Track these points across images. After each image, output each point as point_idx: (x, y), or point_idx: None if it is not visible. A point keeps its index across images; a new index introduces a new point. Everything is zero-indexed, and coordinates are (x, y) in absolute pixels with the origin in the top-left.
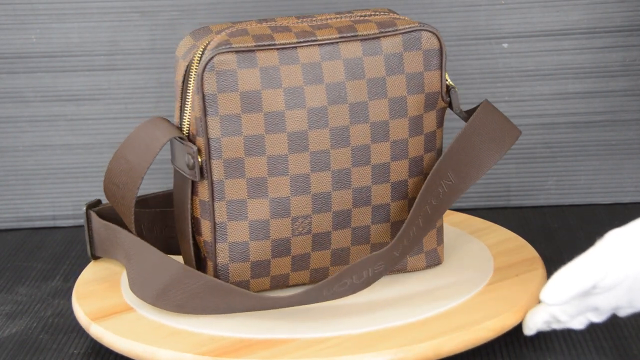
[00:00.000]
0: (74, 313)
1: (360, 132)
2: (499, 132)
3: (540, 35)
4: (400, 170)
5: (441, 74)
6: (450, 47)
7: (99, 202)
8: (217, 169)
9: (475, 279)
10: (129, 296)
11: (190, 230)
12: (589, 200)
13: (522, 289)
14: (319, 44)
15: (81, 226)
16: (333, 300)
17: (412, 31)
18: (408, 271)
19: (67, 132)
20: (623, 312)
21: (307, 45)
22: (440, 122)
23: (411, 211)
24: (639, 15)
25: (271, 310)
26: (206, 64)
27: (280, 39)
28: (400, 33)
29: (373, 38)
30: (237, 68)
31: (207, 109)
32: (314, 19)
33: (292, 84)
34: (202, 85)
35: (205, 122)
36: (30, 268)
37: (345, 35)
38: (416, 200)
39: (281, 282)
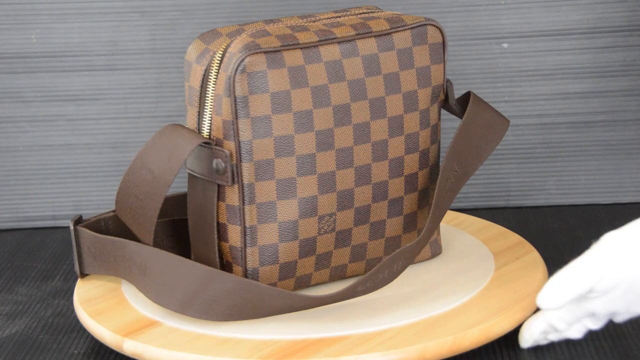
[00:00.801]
0: (89, 332)
1: (380, 127)
2: (492, 120)
3: (540, 35)
4: (412, 164)
5: (444, 67)
6: (450, 47)
7: (81, 218)
8: (248, 172)
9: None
10: (147, 310)
11: (215, 237)
12: (589, 200)
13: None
14: (338, 42)
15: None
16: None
17: (419, 26)
18: (415, 262)
19: (67, 132)
20: (620, 318)
21: (327, 44)
22: (439, 115)
23: (433, 203)
24: (639, 15)
25: (298, 312)
26: (237, 66)
27: (303, 38)
28: (409, 28)
29: (386, 34)
30: (267, 69)
31: (239, 111)
32: (318, 18)
33: (317, 83)
34: (233, 87)
35: (237, 125)
36: (30, 268)
37: (360, 32)
38: (435, 193)
39: (304, 283)
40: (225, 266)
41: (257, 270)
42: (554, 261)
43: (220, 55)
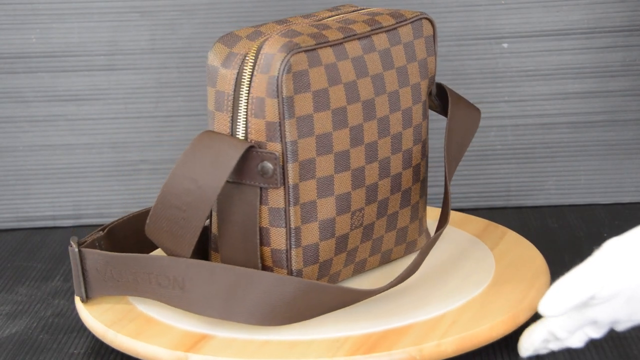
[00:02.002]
0: (132, 354)
1: (396, 120)
2: (470, 115)
3: (540, 35)
4: (417, 155)
5: (435, 59)
6: (450, 47)
7: (81, 240)
8: (293, 173)
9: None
10: (188, 325)
11: (258, 242)
12: (588, 200)
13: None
14: (358, 38)
15: (81, 226)
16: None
17: (417, 19)
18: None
19: (67, 132)
20: (621, 326)
21: (350, 40)
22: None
23: (446, 193)
24: (639, 15)
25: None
26: (284, 66)
27: (331, 36)
28: (409, 22)
29: (393, 28)
30: (308, 68)
31: (285, 112)
32: (322, 16)
33: (348, 79)
34: (281, 88)
35: (284, 125)
36: (30, 268)
37: (374, 28)
38: (445, 184)
39: (334, 280)
40: (266, 270)
41: (301, 272)
42: (554, 261)
43: (253, 58)
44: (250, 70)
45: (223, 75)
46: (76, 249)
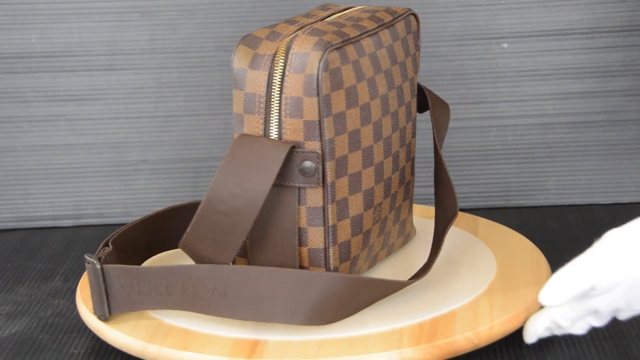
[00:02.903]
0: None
1: (402, 114)
2: (442, 103)
3: (540, 35)
4: (413, 148)
5: (419, 53)
6: (450, 47)
7: (102, 257)
8: (331, 171)
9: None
10: (232, 332)
11: (296, 242)
12: (588, 200)
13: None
14: (369, 35)
15: (81, 226)
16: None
17: (407, 15)
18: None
19: (67, 132)
20: (623, 315)
21: (364, 37)
22: None
23: (449, 184)
24: (639, 15)
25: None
26: (323, 64)
27: (349, 33)
28: (402, 18)
29: (392, 25)
30: (340, 65)
31: (324, 110)
32: (321, 15)
33: (369, 75)
34: (320, 87)
35: (323, 124)
36: (30, 268)
37: (379, 24)
38: (447, 175)
39: (356, 274)
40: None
41: (338, 269)
42: (554, 261)
43: (283, 58)
44: (281, 70)
45: (253, 77)
46: (98, 266)
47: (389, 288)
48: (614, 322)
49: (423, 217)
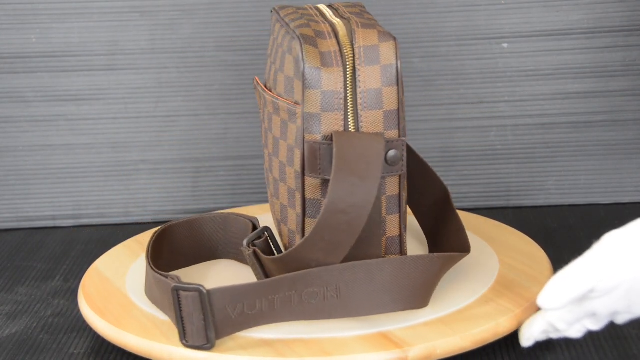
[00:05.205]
0: None
1: None
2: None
3: (540, 35)
4: None
5: None
6: (450, 47)
7: (203, 288)
8: (405, 158)
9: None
10: (340, 331)
11: (381, 232)
12: (588, 200)
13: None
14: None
15: (81, 226)
16: None
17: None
18: None
19: (67, 132)
20: (621, 319)
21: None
22: None
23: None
24: (639, 15)
25: None
26: (398, 53)
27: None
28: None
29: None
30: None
31: (401, 98)
32: (324, 11)
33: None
34: (400, 75)
35: (400, 112)
36: (30, 268)
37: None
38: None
39: None
40: None
41: (406, 254)
42: (554, 261)
43: (350, 53)
44: (352, 65)
45: (330, 74)
46: (205, 291)
47: (456, 261)
48: (614, 323)
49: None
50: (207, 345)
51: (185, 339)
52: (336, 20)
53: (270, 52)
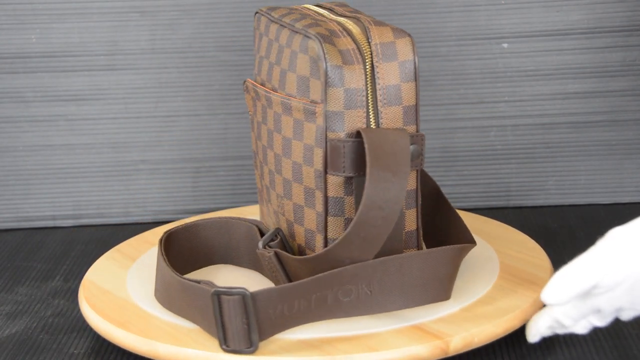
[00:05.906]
0: None
1: None
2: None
3: (540, 35)
4: None
5: None
6: (450, 47)
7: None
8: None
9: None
10: (370, 326)
11: (402, 225)
12: (589, 200)
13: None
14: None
15: (81, 226)
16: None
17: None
18: None
19: (67, 132)
20: (626, 315)
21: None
22: None
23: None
24: (639, 15)
25: None
26: (415, 49)
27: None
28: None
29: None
30: None
31: (419, 93)
32: (325, 11)
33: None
34: (418, 70)
35: (418, 106)
36: (30, 268)
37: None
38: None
39: None
40: None
41: (421, 248)
42: (554, 261)
43: (368, 50)
44: (370, 62)
45: (350, 72)
46: (249, 293)
47: (467, 252)
48: (615, 322)
49: None
50: (250, 348)
51: (227, 343)
52: (341, 19)
53: (265, 53)
